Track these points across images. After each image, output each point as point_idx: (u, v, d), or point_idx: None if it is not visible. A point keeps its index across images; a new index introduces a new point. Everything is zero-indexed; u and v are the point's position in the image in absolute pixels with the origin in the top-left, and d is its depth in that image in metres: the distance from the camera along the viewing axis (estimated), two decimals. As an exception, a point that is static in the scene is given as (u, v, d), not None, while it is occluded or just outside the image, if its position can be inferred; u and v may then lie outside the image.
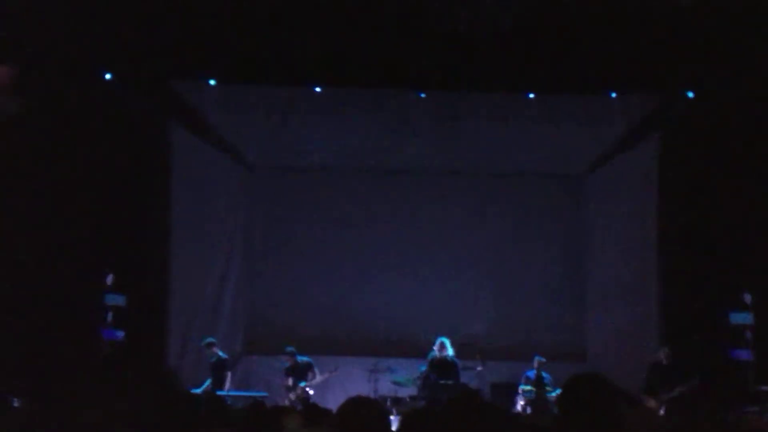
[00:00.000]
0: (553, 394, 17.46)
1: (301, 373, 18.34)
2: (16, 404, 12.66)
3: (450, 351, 17.76)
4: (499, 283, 21.54)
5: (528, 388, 18.00)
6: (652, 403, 16.17)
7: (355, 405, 5.24)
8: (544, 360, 18.42)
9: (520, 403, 17.87)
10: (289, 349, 18.53)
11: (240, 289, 21.29)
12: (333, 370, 18.42)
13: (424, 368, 17.70)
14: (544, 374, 18.24)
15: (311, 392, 18.09)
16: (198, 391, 17.66)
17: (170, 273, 18.83)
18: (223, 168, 20.62)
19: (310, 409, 9.17)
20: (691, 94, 18.12)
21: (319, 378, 18.37)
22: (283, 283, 21.40)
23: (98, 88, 17.33)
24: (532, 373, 18.34)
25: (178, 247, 18.98)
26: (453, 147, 20.29)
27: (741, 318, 17.43)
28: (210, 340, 18.51)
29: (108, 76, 17.39)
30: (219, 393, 17.34)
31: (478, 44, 16.57)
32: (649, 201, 19.19)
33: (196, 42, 16.81)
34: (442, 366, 17.57)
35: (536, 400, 17.77)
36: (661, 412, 15.72)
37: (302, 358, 18.51)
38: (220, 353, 18.40)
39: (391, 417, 13.89)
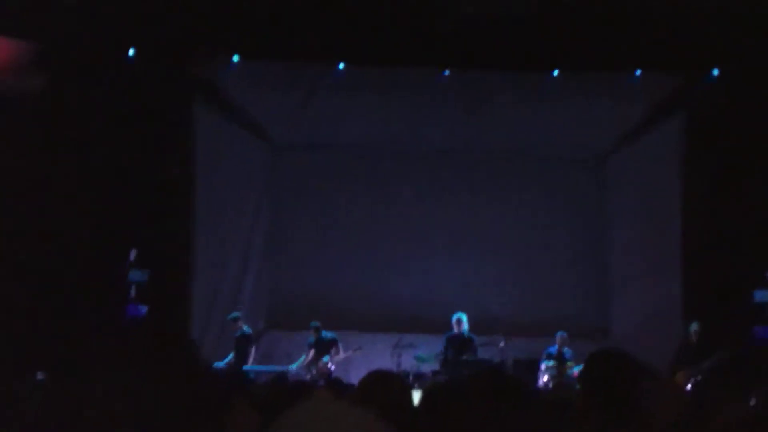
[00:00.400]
0: (575, 370, 17.45)
1: (324, 348, 18.37)
2: (39, 378, 12.73)
3: (466, 327, 17.75)
4: (522, 261, 21.47)
5: (550, 364, 17.98)
6: (679, 377, 16.11)
7: (377, 378, 5.25)
8: (566, 336, 18.41)
9: (543, 379, 17.84)
10: (314, 324, 18.54)
11: (263, 265, 21.31)
12: (356, 349, 18.46)
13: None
14: (565, 350, 18.23)
15: (332, 368, 18.11)
16: (221, 365, 17.76)
17: (194, 249, 18.88)
18: (246, 145, 20.61)
19: (333, 384, 9.20)
20: (716, 73, 18.02)
21: (342, 355, 18.39)
22: (306, 259, 21.40)
23: (122, 65, 17.36)
24: (553, 349, 18.33)
25: (201, 223, 19.04)
26: (476, 126, 20.25)
27: (765, 296, 17.42)
28: (235, 315, 18.55)
29: (131, 53, 17.40)
30: (243, 367, 17.46)
31: (503, 22, 16.54)
32: (674, 180, 19.10)
33: (219, 18, 16.83)
34: (459, 342, 17.58)
35: (557, 376, 17.76)
36: (688, 387, 15.65)
37: (327, 334, 18.53)
38: (245, 328, 18.43)
39: (413, 392, 13.88)
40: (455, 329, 17.67)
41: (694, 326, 17.06)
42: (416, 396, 4.80)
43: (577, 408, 4.70)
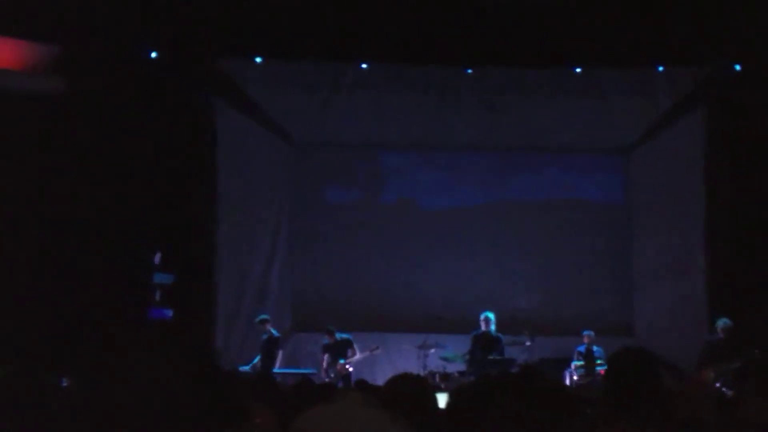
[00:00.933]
0: (604, 368, 17.40)
1: (339, 350, 18.30)
2: (64, 384, 12.76)
3: (493, 326, 17.71)
4: (546, 259, 21.42)
5: (580, 363, 17.94)
6: (707, 375, 16.01)
7: (401, 382, 5.24)
8: (592, 334, 18.37)
9: (573, 377, 17.79)
10: (329, 327, 18.50)
11: (287, 267, 21.30)
12: (374, 349, 18.43)
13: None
14: (594, 348, 18.20)
15: (350, 369, 18.08)
16: (246, 368, 17.76)
17: (218, 252, 18.90)
18: (268, 146, 20.63)
19: (359, 386, 9.19)
20: (738, 67, 17.97)
21: (359, 355, 18.34)
22: (330, 260, 21.40)
23: (144, 67, 17.41)
24: (583, 348, 18.30)
25: (225, 226, 19.06)
26: (498, 123, 20.22)
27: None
28: (264, 317, 18.48)
29: (153, 55, 17.45)
30: (271, 370, 17.42)
31: (524, 18, 16.52)
32: (696, 175, 19.05)
33: (241, 19, 16.85)
34: (486, 341, 17.53)
35: (587, 375, 17.74)
36: (717, 385, 15.56)
37: (341, 335, 18.47)
38: (273, 331, 18.34)
39: (441, 394, 13.86)
40: (483, 327, 17.60)
41: (721, 322, 16.80)
42: (443, 398, 4.79)
43: (600, 407, 4.68)
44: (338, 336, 18.41)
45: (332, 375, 17.95)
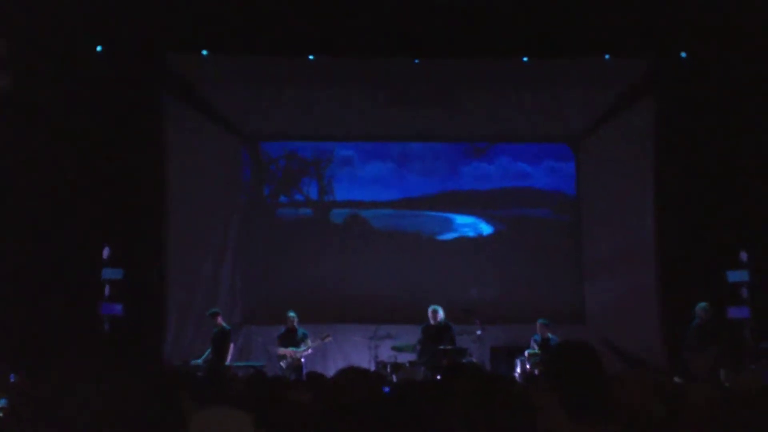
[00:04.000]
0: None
1: (294, 340, 18.22)
2: (13, 379, 12.69)
3: (441, 316, 17.73)
4: (498, 248, 21.49)
5: (535, 351, 17.94)
6: (700, 364, 16.03)
7: (347, 375, 5.23)
8: (547, 323, 18.34)
9: (526, 366, 17.80)
10: (291, 314, 18.40)
11: (238, 260, 21.21)
12: (325, 336, 18.34)
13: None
14: (551, 337, 18.18)
15: (303, 360, 18.03)
16: (198, 361, 17.67)
17: (168, 245, 18.84)
18: (218, 141, 20.50)
19: (310, 379, 9.16)
20: (684, 55, 18.10)
21: (311, 350, 18.28)
22: (282, 253, 21.35)
23: (91, 62, 17.29)
24: (538, 337, 18.33)
25: (174, 219, 19.00)
26: (448, 114, 20.29)
27: (738, 276, 17.56)
28: (214, 310, 18.30)
29: (99, 49, 17.34)
30: (221, 364, 17.34)
31: (472, 9, 16.55)
32: (646, 164, 19.24)
33: (188, 13, 16.78)
34: (436, 331, 17.55)
35: (540, 363, 17.76)
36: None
37: (299, 328, 18.40)
38: (224, 324, 18.24)
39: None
40: (431, 320, 17.65)
41: (699, 308, 16.67)
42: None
43: (541, 403, 4.67)
44: (297, 326, 18.30)
45: (284, 366, 17.88)
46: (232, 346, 18.17)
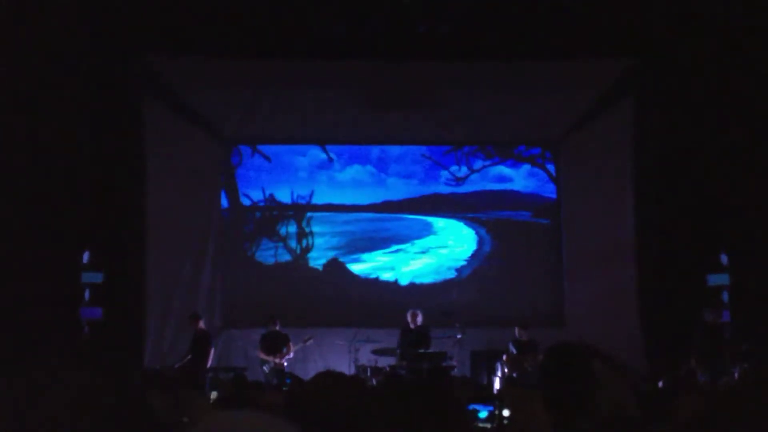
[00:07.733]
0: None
1: (276, 344, 18.18)
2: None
3: (420, 319, 17.74)
4: (478, 251, 21.52)
5: (513, 353, 17.90)
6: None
7: (325, 380, 5.20)
8: (525, 325, 18.30)
9: (505, 369, 17.78)
10: (273, 315, 18.38)
11: (218, 263, 21.19)
12: (307, 339, 18.33)
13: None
14: (529, 339, 18.14)
15: (285, 364, 18.00)
16: (177, 365, 17.59)
17: (147, 249, 18.78)
18: (198, 143, 20.48)
19: (291, 379, 9.18)
20: (663, 58, 18.14)
21: (292, 354, 18.25)
22: (261, 257, 21.35)
23: (70, 64, 17.22)
24: (518, 339, 18.28)
25: (154, 222, 18.94)
26: (427, 117, 20.35)
27: (718, 279, 17.59)
28: (194, 314, 18.30)
29: (77, 51, 17.29)
30: (202, 367, 17.29)
31: (449, 12, 16.57)
32: (625, 165, 19.28)
33: (168, 15, 16.74)
34: (415, 335, 17.54)
35: (518, 366, 17.72)
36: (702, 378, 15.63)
37: (281, 331, 18.38)
38: (204, 327, 18.18)
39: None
40: (410, 324, 17.65)
41: (711, 310, 16.62)
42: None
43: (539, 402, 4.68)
44: (279, 330, 18.26)
45: (266, 371, 17.86)
46: (212, 349, 18.11)
